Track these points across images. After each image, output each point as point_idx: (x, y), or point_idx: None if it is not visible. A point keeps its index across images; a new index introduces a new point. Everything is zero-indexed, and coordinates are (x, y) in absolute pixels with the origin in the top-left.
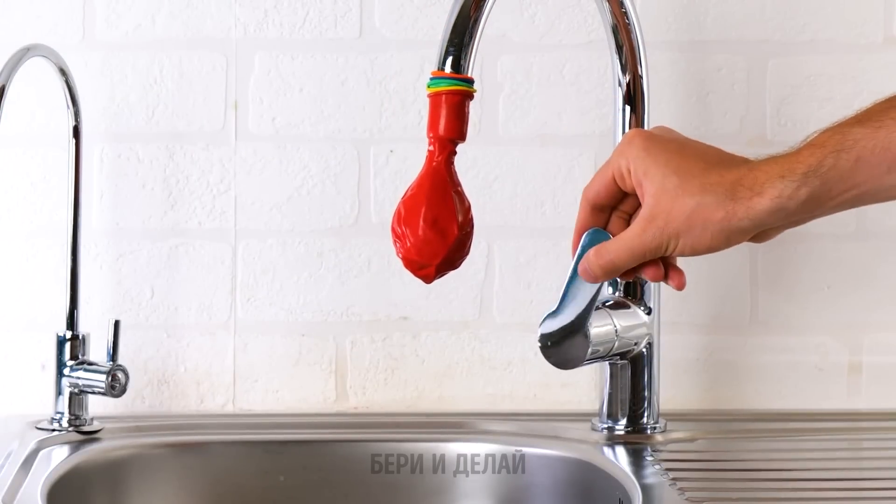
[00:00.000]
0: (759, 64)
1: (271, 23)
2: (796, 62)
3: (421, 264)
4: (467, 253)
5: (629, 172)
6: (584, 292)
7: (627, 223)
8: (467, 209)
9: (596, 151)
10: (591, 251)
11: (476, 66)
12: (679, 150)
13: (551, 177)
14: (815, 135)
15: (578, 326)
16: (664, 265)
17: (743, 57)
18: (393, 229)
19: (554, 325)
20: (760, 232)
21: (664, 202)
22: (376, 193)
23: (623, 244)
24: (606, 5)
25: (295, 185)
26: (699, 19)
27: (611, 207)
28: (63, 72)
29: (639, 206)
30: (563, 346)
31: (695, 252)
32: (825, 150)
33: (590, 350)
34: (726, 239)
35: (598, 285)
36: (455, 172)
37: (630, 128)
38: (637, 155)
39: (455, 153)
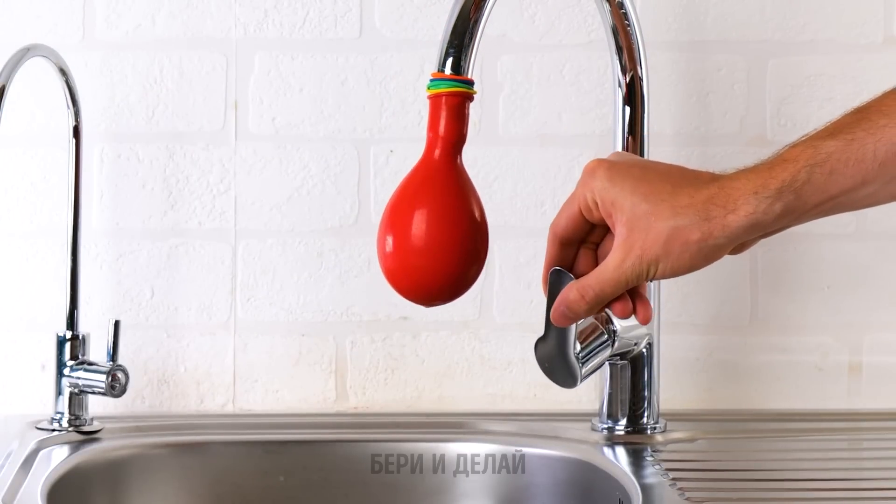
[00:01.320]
0: (759, 64)
1: (271, 23)
2: (796, 62)
3: (406, 288)
4: (475, 278)
5: (596, 204)
6: None
7: (595, 253)
8: (481, 214)
9: (596, 151)
10: (573, 291)
11: (476, 66)
12: (643, 175)
13: (551, 177)
14: (787, 148)
15: (565, 352)
16: (632, 298)
17: (743, 57)
18: (378, 231)
19: (545, 350)
20: (737, 245)
21: (638, 230)
22: (376, 193)
23: (605, 276)
24: (606, 6)
25: (295, 185)
26: (699, 19)
27: (579, 241)
28: (63, 72)
29: (605, 235)
30: (557, 368)
31: (675, 274)
32: (798, 164)
33: (582, 370)
34: (705, 258)
35: None
36: (464, 169)
37: (629, 129)
38: (602, 186)
39: (459, 151)
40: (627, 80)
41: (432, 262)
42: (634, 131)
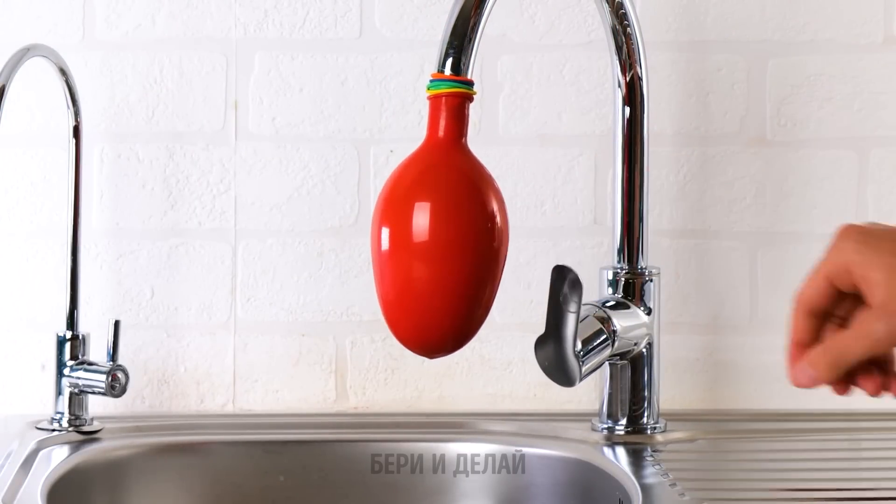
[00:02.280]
0: (759, 64)
1: (271, 23)
2: (796, 62)
3: (404, 327)
4: (487, 310)
5: (848, 270)
6: (566, 315)
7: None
8: (502, 217)
9: (596, 151)
10: (814, 351)
11: (476, 66)
12: None
13: (551, 177)
14: None
15: (565, 351)
16: (885, 375)
17: (743, 57)
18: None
19: (545, 349)
20: None
21: None
22: (376, 193)
23: (850, 337)
24: (606, 6)
25: (295, 185)
26: (699, 19)
27: (827, 312)
28: (63, 72)
29: (855, 308)
30: (557, 367)
31: None
32: None
33: (582, 369)
34: None
35: (577, 307)
36: (473, 155)
37: (629, 129)
38: (856, 248)
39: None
40: (627, 80)
41: (439, 303)
42: (634, 131)
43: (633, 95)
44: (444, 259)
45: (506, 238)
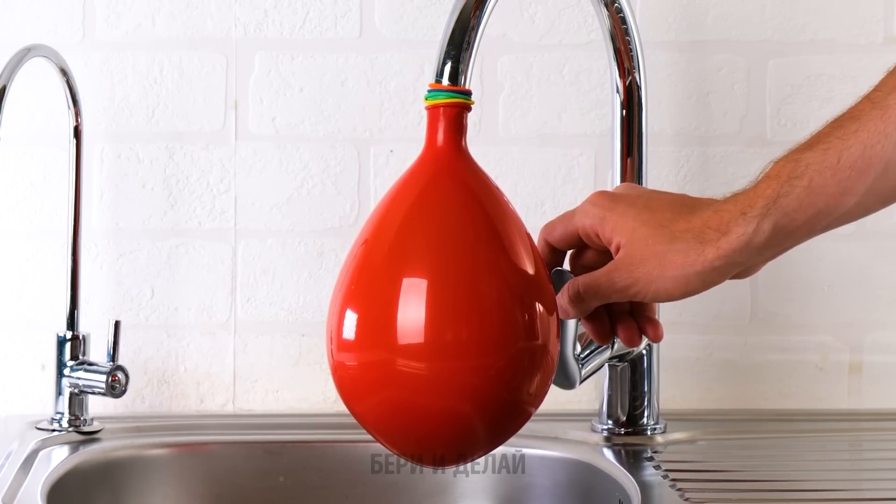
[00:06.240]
0: (759, 64)
1: (271, 23)
2: (796, 62)
3: (395, 446)
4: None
5: (596, 233)
6: (565, 318)
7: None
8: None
9: (596, 151)
10: (565, 287)
11: (476, 66)
12: (646, 205)
13: (551, 177)
14: (770, 165)
15: (564, 354)
16: (639, 323)
17: (743, 57)
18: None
19: None
20: (742, 269)
21: (636, 251)
22: (376, 193)
23: (590, 279)
24: (604, 10)
25: (295, 185)
26: (699, 19)
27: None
28: (64, 72)
29: (598, 259)
30: (557, 370)
31: (670, 297)
32: (780, 180)
33: (582, 372)
34: (703, 282)
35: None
36: (478, 167)
37: (627, 132)
38: (602, 215)
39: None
40: (626, 84)
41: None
42: (633, 135)
43: (631, 100)
44: (452, 368)
45: (554, 318)
